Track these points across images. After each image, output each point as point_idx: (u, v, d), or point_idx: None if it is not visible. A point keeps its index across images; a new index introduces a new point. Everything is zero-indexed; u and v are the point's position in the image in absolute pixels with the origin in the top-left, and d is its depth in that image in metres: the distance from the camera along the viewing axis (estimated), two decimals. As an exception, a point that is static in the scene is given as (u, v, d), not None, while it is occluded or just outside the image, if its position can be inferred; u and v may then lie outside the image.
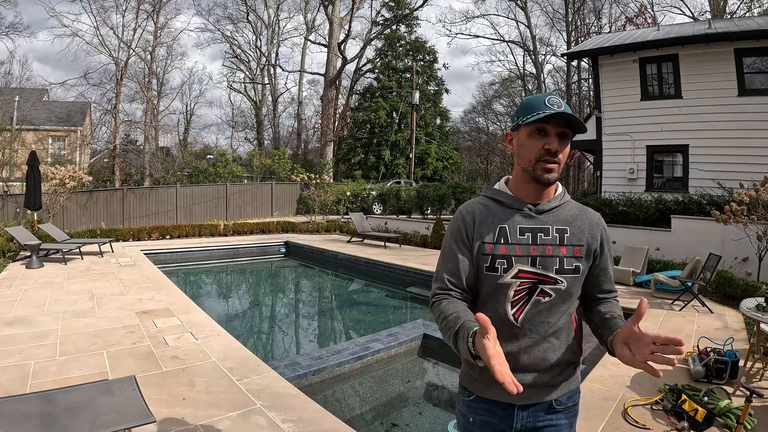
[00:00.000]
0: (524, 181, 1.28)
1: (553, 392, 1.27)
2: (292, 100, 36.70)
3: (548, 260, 1.22)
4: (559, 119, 1.20)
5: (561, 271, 1.23)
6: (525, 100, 1.26)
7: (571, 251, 1.24)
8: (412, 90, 22.84)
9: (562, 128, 1.21)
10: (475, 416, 1.33)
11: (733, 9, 22.18)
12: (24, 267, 7.77)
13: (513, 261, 1.23)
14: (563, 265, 1.23)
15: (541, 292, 1.23)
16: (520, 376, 1.24)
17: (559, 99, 1.22)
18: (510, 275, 1.23)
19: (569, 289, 1.24)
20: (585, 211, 1.32)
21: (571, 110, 6.30)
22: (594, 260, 1.29)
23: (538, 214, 1.26)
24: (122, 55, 24.78)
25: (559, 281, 1.23)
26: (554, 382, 1.26)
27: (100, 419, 2.10)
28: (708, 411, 2.81)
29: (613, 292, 1.36)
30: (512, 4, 30.78)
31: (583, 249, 1.25)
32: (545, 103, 1.19)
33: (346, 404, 3.82)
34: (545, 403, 1.28)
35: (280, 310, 7.60)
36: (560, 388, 1.28)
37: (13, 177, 17.88)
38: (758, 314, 3.62)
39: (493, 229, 1.26)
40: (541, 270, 1.22)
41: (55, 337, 4.27)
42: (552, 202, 1.28)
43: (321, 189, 16.99)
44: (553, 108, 1.18)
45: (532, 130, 1.23)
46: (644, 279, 7.04)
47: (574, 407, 1.34)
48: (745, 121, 9.54)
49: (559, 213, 1.28)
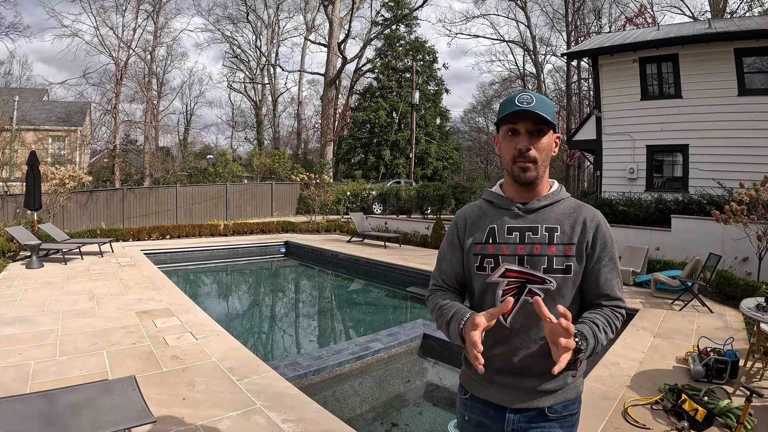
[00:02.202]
0: (511, 182, 1.29)
1: (546, 399, 1.24)
2: (292, 100, 36.73)
3: (536, 259, 1.21)
4: (530, 116, 1.17)
5: (550, 270, 1.20)
6: (503, 100, 1.24)
7: (562, 250, 1.21)
8: (412, 90, 22.84)
9: (533, 125, 1.19)
10: (470, 415, 1.34)
11: (733, 9, 22.18)
12: (24, 267, 7.77)
13: (500, 260, 1.23)
14: (552, 264, 1.20)
15: (530, 292, 1.21)
16: (509, 379, 1.24)
17: (531, 95, 1.19)
18: (497, 274, 1.23)
19: (560, 290, 1.21)
20: (581, 209, 1.27)
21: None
22: (587, 260, 1.23)
23: (527, 213, 1.26)
24: (122, 55, 24.79)
25: (547, 281, 1.20)
26: (547, 388, 1.23)
27: (100, 419, 2.10)
28: (708, 411, 2.82)
29: (614, 299, 1.25)
30: (512, 4, 30.78)
31: (574, 248, 1.21)
32: (515, 102, 1.18)
33: (346, 404, 3.82)
34: (538, 409, 1.25)
35: (280, 310, 7.60)
36: (555, 395, 1.24)
37: (13, 177, 17.88)
38: (758, 314, 3.62)
39: (483, 230, 1.27)
40: (528, 269, 1.21)
41: (55, 337, 4.27)
42: (542, 200, 1.26)
43: (321, 189, 16.98)
44: (521, 106, 1.16)
45: (505, 130, 1.23)
46: (644, 279, 7.04)
47: (571, 417, 1.29)
48: (745, 121, 9.53)
49: (551, 211, 1.25)
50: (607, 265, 1.24)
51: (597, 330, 1.16)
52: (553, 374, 1.21)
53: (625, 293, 1.28)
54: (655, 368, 3.79)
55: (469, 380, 1.34)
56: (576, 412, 1.31)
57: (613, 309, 1.24)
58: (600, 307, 1.25)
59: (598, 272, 1.24)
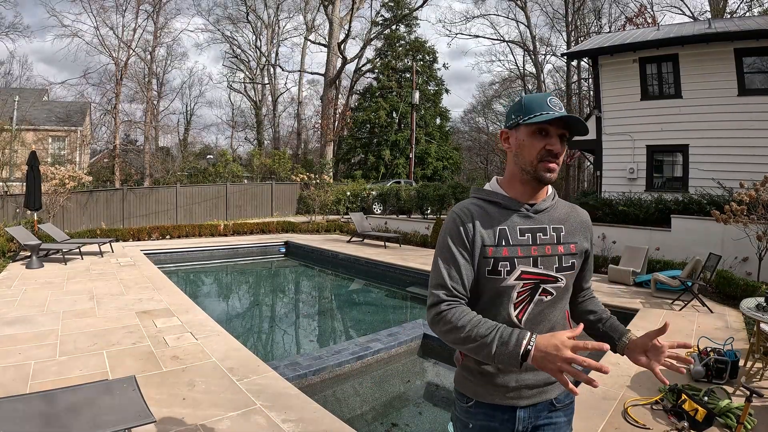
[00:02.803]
0: (521, 181, 1.27)
1: (552, 390, 1.28)
2: (292, 100, 36.74)
3: (548, 259, 1.24)
4: (560, 120, 1.20)
5: (561, 269, 1.25)
6: (525, 98, 1.25)
7: (568, 249, 1.28)
8: (412, 90, 22.83)
9: (562, 129, 1.22)
10: (474, 422, 1.31)
11: (733, 9, 22.18)
12: (24, 267, 7.77)
13: (516, 263, 1.21)
14: (562, 263, 1.26)
15: (543, 291, 1.24)
16: (523, 377, 1.24)
17: (558, 100, 1.23)
18: (513, 277, 1.21)
19: (567, 287, 1.29)
20: (575, 210, 1.36)
21: (571, 110, 6.32)
22: (585, 257, 1.35)
23: (535, 213, 1.27)
24: (122, 55, 24.83)
25: (559, 279, 1.25)
26: (554, 380, 1.25)
27: (100, 419, 2.10)
28: (708, 411, 2.81)
29: (590, 286, 1.47)
30: (512, 4, 30.80)
31: (578, 246, 1.30)
32: (547, 104, 1.20)
33: (346, 404, 3.82)
34: (546, 401, 1.29)
35: (280, 310, 7.60)
36: (559, 385, 1.26)
37: (13, 177, 17.88)
38: (758, 314, 3.62)
39: (492, 232, 1.23)
40: (543, 270, 1.23)
41: (55, 337, 4.27)
42: (547, 201, 1.30)
43: (321, 189, 16.98)
44: (555, 110, 1.19)
45: (533, 130, 1.22)
46: (644, 279, 7.04)
47: (571, 404, 1.36)
48: (745, 121, 9.53)
49: (554, 212, 1.30)
50: (590, 259, 1.40)
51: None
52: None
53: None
54: (655, 368, 3.78)
55: (473, 387, 1.30)
56: (574, 399, 1.38)
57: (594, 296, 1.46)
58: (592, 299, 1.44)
59: (586, 266, 1.40)
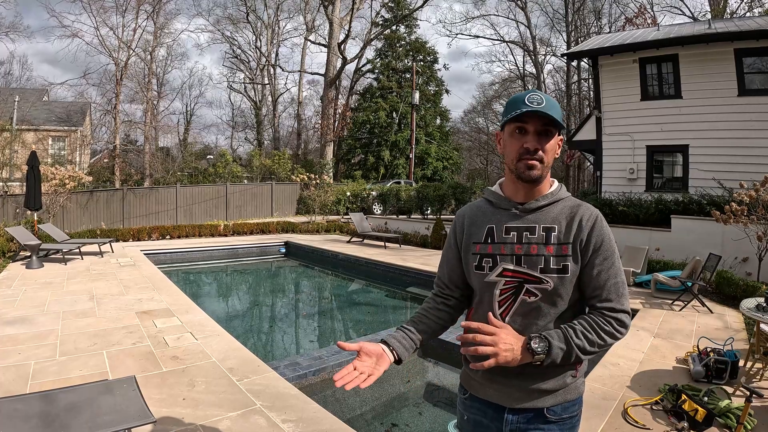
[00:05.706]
0: (512, 181, 1.29)
1: (545, 399, 1.23)
2: (292, 100, 36.77)
3: (533, 259, 1.21)
4: (540, 116, 1.18)
5: (546, 270, 1.20)
6: (510, 98, 1.25)
7: (559, 250, 1.20)
8: (412, 90, 22.85)
9: (542, 126, 1.20)
10: (469, 414, 1.36)
11: (734, 9, 22.19)
12: (24, 267, 7.77)
13: (498, 259, 1.24)
14: (549, 264, 1.19)
15: (527, 291, 1.22)
16: (507, 378, 1.24)
17: (541, 96, 1.19)
18: (495, 273, 1.24)
19: (557, 290, 1.19)
20: (579, 208, 1.25)
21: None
22: (582, 259, 1.21)
23: (525, 213, 1.26)
24: (122, 55, 24.81)
25: (544, 281, 1.20)
26: (545, 388, 1.22)
27: (100, 419, 2.10)
28: (708, 411, 2.81)
29: (610, 301, 1.18)
30: (512, 5, 30.84)
31: (570, 247, 1.20)
32: (525, 101, 1.19)
33: (346, 404, 3.82)
34: (537, 410, 1.24)
35: (280, 310, 7.60)
36: (554, 395, 1.23)
37: (13, 177, 17.89)
38: (758, 314, 3.62)
39: (482, 230, 1.29)
40: (525, 269, 1.21)
41: (55, 337, 4.27)
42: (540, 200, 1.26)
43: (321, 189, 16.99)
44: (531, 105, 1.17)
45: (512, 128, 1.23)
46: (644, 279, 7.04)
47: (571, 419, 1.27)
48: (745, 121, 9.53)
49: (549, 211, 1.25)
50: (600, 266, 1.20)
51: (573, 335, 1.15)
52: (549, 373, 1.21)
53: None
54: (655, 368, 3.79)
55: (469, 380, 1.35)
56: (576, 415, 1.29)
57: (603, 312, 1.18)
58: (592, 311, 1.21)
59: (590, 272, 1.20)
